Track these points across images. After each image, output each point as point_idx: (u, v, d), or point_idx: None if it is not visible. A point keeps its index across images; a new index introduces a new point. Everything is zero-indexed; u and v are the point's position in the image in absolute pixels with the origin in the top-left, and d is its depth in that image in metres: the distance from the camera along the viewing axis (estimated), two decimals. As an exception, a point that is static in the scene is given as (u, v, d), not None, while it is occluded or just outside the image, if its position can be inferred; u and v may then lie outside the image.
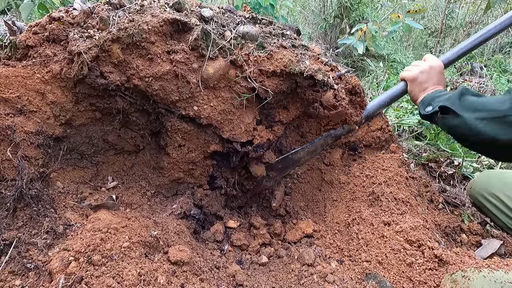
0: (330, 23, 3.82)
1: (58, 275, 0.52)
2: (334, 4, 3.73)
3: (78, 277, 0.53)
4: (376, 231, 0.84)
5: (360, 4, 3.46)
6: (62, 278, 0.51)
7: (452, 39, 8.39)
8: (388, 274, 0.72)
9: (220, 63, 0.86)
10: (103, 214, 0.69)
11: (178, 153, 0.96)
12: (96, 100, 0.86)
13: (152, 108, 0.91)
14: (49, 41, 0.82)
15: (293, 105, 1.02)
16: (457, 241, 1.01)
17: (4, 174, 0.65)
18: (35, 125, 0.74)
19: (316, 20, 4.09)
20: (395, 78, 3.24)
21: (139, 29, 0.80)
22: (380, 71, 3.32)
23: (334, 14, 3.76)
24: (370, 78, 3.10)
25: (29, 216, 0.64)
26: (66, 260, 0.55)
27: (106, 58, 0.80)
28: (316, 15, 4.06)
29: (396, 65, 3.81)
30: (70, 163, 0.85)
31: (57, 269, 0.53)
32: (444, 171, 1.66)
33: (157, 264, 0.63)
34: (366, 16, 3.49)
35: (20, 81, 0.75)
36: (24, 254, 0.58)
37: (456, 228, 1.03)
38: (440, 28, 7.52)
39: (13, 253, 0.58)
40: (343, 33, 3.74)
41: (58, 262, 0.54)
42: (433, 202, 1.12)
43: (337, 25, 3.88)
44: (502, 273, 0.62)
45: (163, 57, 0.84)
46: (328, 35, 4.03)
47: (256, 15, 1.00)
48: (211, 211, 1.05)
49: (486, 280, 0.60)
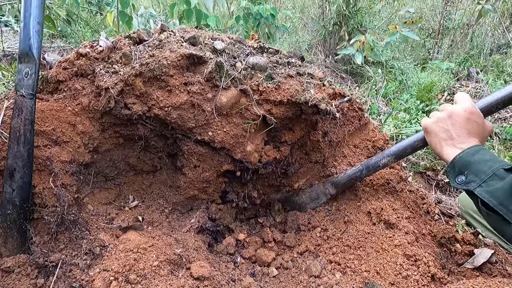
0: (329, 30, 3.90)
1: (103, 294, 0.61)
2: (333, 12, 3.81)
3: (119, 295, 0.61)
4: (375, 244, 0.93)
5: (359, 12, 3.54)
6: (121, 274, 0.59)
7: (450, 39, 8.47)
8: (385, 283, 0.80)
9: (233, 93, 0.94)
10: (132, 235, 0.78)
11: (194, 173, 1.04)
12: (120, 128, 0.94)
13: (170, 134, 0.99)
14: (78, 75, 0.90)
15: (298, 127, 1.10)
16: (452, 250, 1.09)
17: (45, 201, 0.73)
18: (69, 154, 0.82)
19: (315, 27, 4.18)
20: (394, 84, 3.33)
21: (159, 64, 0.89)
22: (379, 78, 3.40)
23: (333, 21, 3.84)
24: (369, 85, 3.18)
25: (69, 239, 0.72)
26: (108, 280, 0.63)
27: (129, 91, 0.89)
28: (316, 23, 4.14)
29: (394, 71, 3.90)
30: (97, 186, 0.94)
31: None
32: (441, 179, 1.74)
33: (183, 281, 0.71)
34: (365, 23, 3.57)
35: (54, 114, 0.84)
36: (68, 274, 0.66)
37: (451, 238, 1.11)
38: (437, 30, 7.61)
39: (59, 273, 0.66)
40: (342, 40, 3.82)
41: (101, 282, 0.62)
42: (429, 213, 1.20)
43: (336, 32, 3.96)
44: None
45: (181, 89, 0.92)
46: (328, 42, 4.11)
47: (263, 44, 1.08)
48: (224, 223, 1.13)
49: None
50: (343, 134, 1.25)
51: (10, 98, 0.84)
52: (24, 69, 0.72)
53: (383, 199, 1.07)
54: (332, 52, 4.03)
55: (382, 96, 2.98)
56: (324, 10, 4.11)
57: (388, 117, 2.11)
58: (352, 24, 3.69)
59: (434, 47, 7.61)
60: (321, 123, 1.13)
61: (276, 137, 1.10)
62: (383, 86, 3.06)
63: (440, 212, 1.25)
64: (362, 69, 3.71)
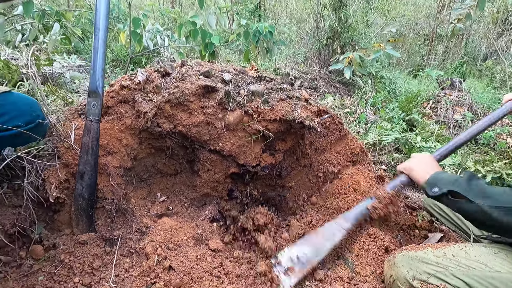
0: (323, 43, 4.22)
1: (152, 255, 0.89)
2: (327, 27, 4.13)
3: (163, 256, 0.89)
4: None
5: (350, 28, 3.86)
6: (156, 255, 0.88)
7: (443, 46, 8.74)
8: (352, 255, 1.09)
9: (238, 113, 1.24)
10: (166, 220, 1.07)
11: (207, 175, 1.34)
12: (152, 141, 1.24)
13: (190, 145, 1.29)
14: (122, 102, 1.20)
15: (289, 138, 1.40)
16: (411, 235, 1.38)
17: (105, 195, 1.03)
18: (118, 161, 1.12)
19: (310, 40, 4.50)
20: (382, 94, 3.62)
21: (183, 93, 1.19)
22: (369, 88, 3.69)
23: (327, 36, 4.16)
24: (359, 95, 3.48)
25: (123, 221, 1.01)
26: (155, 247, 0.91)
27: (161, 113, 1.19)
28: (311, 36, 4.47)
29: (384, 81, 4.20)
30: (135, 186, 1.23)
31: (151, 252, 0.90)
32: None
33: (203, 251, 1.00)
34: (355, 38, 3.89)
35: (106, 132, 1.13)
36: (126, 244, 0.95)
37: (411, 225, 1.40)
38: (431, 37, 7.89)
39: (120, 244, 0.95)
40: (336, 53, 4.13)
41: (150, 248, 0.91)
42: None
43: (330, 45, 4.28)
44: (415, 252, 0.98)
45: (198, 111, 1.22)
46: (322, 54, 4.42)
47: (261, 73, 1.38)
48: (231, 215, 1.42)
49: (404, 256, 0.97)
50: (326, 143, 1.54)
51: (74, 120, 1.13)
52: (92, 102, 1.02)
53: (355, 197, 1.36)
54: (327, 63, 4.34)
55: (371, 105, 3.28)
56: (319, 24, 4.44)
57: (372, 125, 2.41)
58: (344, 38, 4.01)
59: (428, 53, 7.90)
60: (308, 135, 1.43)
61: (272, 146, 1.39)
62: (372, 96, 3.35)
63: (405, 206, 1.54)
64: (354, 80, 4.02)
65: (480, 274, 0.86)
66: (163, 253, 0.90)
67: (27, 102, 1.02)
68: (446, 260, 0.93)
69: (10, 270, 0.94)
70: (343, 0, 3.67)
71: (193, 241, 1.03)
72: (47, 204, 1.00)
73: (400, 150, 2.32)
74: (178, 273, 0.85)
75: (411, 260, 0.96)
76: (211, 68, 1.30)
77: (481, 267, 0.89)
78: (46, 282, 0.88)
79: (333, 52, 4.19)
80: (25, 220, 0.98)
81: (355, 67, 2.87)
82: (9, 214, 0.97)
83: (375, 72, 3.87)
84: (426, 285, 0.90)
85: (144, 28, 3.38)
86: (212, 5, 5.10)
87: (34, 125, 0.99)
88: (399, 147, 2.32)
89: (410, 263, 0.95)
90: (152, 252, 0.90)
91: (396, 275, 0.96)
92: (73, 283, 0.86)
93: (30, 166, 0.96)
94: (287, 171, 1.49)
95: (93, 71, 1.01)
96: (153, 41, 3.48)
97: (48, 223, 1.02)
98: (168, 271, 0.85)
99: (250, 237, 1.23)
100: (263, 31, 3.71)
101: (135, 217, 1.06)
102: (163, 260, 0.88)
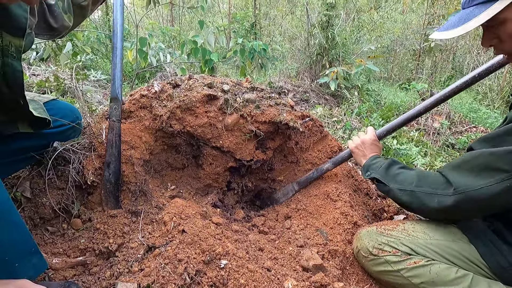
0: (313, 59, 4.58)
1: (169, 222, 1.15)
2: (316, 44, 4.51)
3: (177, 223, 1.15)
4: (325, 210, 1.49)
5: (337, 46, 4.24)
6: (172, 222, 1.14)
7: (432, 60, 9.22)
8: (327, 228, 1.35)
9: (235, 116, 1.53)
10: (178, 200, 1.33)
11: (209, 168, 1.61)
12: (165, 139, 1.52)
13: (195, 142, 1.57)
14: (141, 108, 1.49)
15: (278, 137, 1.69)
16: (380, 217, 1.65)
17: (130, 179, 1.30)
18: (139, 154, 1.40)
19: (302, 56, 4.87)
20: (367, 105, 3.96)
21: (190, 100, 1.48)
22: (355, 99, 4.03)
23: (316, 52, 4.53)
24: (346, 106, 3.80)
25: (144, 200, 1.28)
26: (171, 217, 1.17)
27: (173, 116, 1.47)
28: (302, 53, 4.84)
29: (370, 92, 4.55)
30: (151, 176, 1.50)
31: (168, 220, 1.16)
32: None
33: (208, 222, 1.26)
34: (342, 54, 4.26)
35: (130, 131, 1.41)
36: (148, 216, 1.21)
37: (381, 209, 1.68)
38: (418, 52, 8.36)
39: (143, 215, 1.21)
40: (325, 67, 4.49)
41: (167, 217, 1.17)
42: (368, 194, 1.77)
43: (319, 61, 4.65)
44: (376, 228, 1.23)
45: (203, 114, 1.51)
46: (313, 69, 4.79)
47: (254, 85, 1.69)
48: (229, 203, 1.69)
49: (367, 231, 1.22)
50: (309, 142, 1.83)
51: (103, 122, 1.42)
52: (114, 106, 1.31)
53: (332, 184, 1.63)
54: (317, 77, 4.70)
55: (357, 114, 3.60)
56: (309, 42, 4.82)
57: (352, 132, 2.71)
58: (332, 54, 4.38)
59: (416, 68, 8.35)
60: (293, 135, 1.72)
61: (263, 145, 1.68)
62: (357, 106, 3.68)
63: (377, 195, 1.82)
64: (342, 92, 4.36)
65: (423, 242, 1.10)
66: (177, 221, 1.16)
67: (69, 107, 1.31)
68: (397, 232, 1.17)
69: (56, 237, 1.20)
70: (330, 21, 4.05)
71: (199, 216, 1.29)
72: (84, 187, 1.27)
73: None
74: (189, 235, 1.11)
75: (372, 234, 1.20)
76: (213, 80, 1.60)
77: (424, 236, 1.12)
78: (86, 243, 1.14)
79: (322, 67, 4.55)
80: (67, 199, 1.25)
81: (340, 81, 3.20)
82: (55, 194, 1.24)
83: (361, 85, 4.21)
84: (381, 252, 1.15)
85: (149, 46, 3.71)
86: (210, 25, 5.50)
87: (75, 125, 1.27)
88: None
89: (371, 236, 1.20)
90: (169, 220, 1.16)
91: (360, 246, 1.22)
92: (108, 243, 1.12)
93: (74, 156, 1.23)
94: (277, 166, 1.77)
95: (113, 81, 1.30)
96: (156, 57, 3.80)
97: (84, 203, 1.29)
98: (182, 233, 1.12)
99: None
100: (257, 49, 4.06)
101: (153, 197, 1.32)
102: (178, 225, 1.14)
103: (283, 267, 1.16)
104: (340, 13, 4.14)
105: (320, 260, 1.17)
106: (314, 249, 1.25)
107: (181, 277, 0.98)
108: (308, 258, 1.18)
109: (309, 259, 1.18)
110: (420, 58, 8.42)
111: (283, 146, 1.76)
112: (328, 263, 1.21)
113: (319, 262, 1.16)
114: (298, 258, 1.22)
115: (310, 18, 4.48)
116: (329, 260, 1.23)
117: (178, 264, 1.02)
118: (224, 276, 1.01)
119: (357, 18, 4.39)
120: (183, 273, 0.99)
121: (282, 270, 1.12)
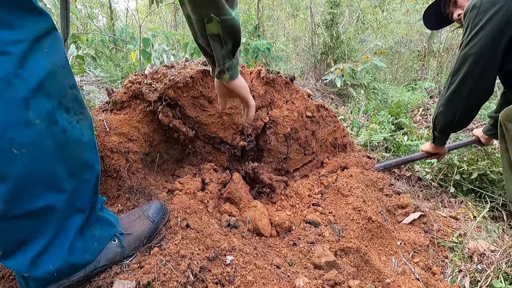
0: (318, 58, 4.51)
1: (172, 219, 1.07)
2: (320, 43, 4.44)
3: (182, 218, 1.07)
4: (338, 204, 1.39)
5: (342, 44, 4.16)
6: (180, 210, 1.06)
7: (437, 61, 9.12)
8: (340, 222, 1.25)
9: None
10: (181, 194, 1.25)
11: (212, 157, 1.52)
12: (162, 131, 1.44)
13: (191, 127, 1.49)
14: (133, 97, 1.40)
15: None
16: (395, 214, 1.54)
17: (123, 175, 1.22)
18: (137, 147, 1.32)
19: (306, 56, 4.80)
20: (374, 103, 3.85)
21: (184, 76, 1.39)
22: (362, 98, 3.93)
23: (321, 51, 4.46)
24: (352, 104, 3.71)
25: (142, 195, 1.20)
26: (175, 215, 1.09)
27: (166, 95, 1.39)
28: (306, 52, 4.77)
29: (377, 91, 4.44)
30: (151, 169, 1.42)
31: (171, 218, 1.08)
32: (403, 174, 2.21)
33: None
34: (347, 52, 4.18)
35: (126, 122, 1.34)
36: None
37: (395, 206, 1.57)
38: (423, 53, 8.27)
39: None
40: (330, 66, 4.41)
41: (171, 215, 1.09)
42: (383, 190, 1.66)
43: (324, 60, 4.57)
44: None
45: (198, 89, 1.42)
46: (317, 68, 4.71)
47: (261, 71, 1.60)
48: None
49: None
50: (324, 133, 1.74)
51: (101, 112, 1.34)
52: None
53: (343, 179, 1.54)
54: (322, 77, 4.62)
55: (363, 113, 3.50)
56: (313, 41, 4.75)
57: (361, 128, 2.61)
58: (337, 53, 4.31)
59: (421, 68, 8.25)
60: (310, 124, 1.63)
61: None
62: (364, 104, 3.58)
63: (393, 191, 1.71)
64: (347, 91, 4.27)
65: None
66: (182, 216, 1.08)
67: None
68: None
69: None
70: (335, 19, 3.99)
71: (204, 210, 1.21)
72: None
73: (389, 149, 2.50)
74: (193, 230, 1.02)
75: None
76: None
77: None
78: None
79: (327, 66, 4.47)
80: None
81: (346, 78, 3.12)
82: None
83: (367, 83, 4.12)
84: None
85: (152, 47, 3.67)
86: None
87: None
88: (387, 147, 2.51)
89: None
90: (173, 218, 1.08)
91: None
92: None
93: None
94: (292, 155, 1.68)
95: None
96: (159, 59, 3.76)
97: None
98: (185, 229, 1.03)
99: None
100: (261, 48, 3.99)
101: (152, 193, 1.24)
102: (183, 220, 1.06)
103: (293, 265, 1.07)
104: (344, 11, 4.07)
105: (332, 257, 1.07)
106: (326, 245, 1.15)
107: (184, 274, 0.89)
108: (320, 254, 1.08)
109: (321, 255, 1.08)
110: (425, 58, 8.33)
111: (299, 134, 1.66)
112: (342, 260, 1.11)
113: (332, 259, 1.06)
114: (309, 255, 1.12)
115: (314, 17, 4.42)
116: (342, 257, 1.13)
117: (181, 260, 0.93)
118: (230, 272, 0.91)
119: (361, 16, 4.32)
120: (186, 270, 0.90)
121: (292, 267, 1.03)
